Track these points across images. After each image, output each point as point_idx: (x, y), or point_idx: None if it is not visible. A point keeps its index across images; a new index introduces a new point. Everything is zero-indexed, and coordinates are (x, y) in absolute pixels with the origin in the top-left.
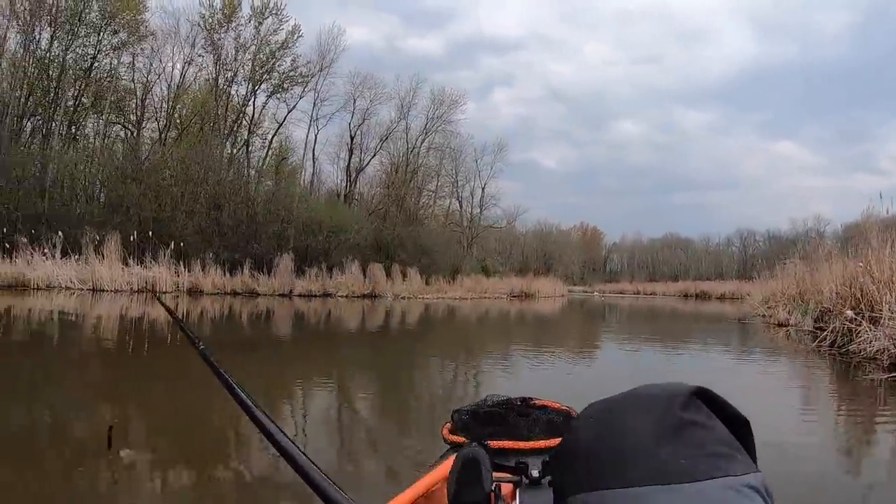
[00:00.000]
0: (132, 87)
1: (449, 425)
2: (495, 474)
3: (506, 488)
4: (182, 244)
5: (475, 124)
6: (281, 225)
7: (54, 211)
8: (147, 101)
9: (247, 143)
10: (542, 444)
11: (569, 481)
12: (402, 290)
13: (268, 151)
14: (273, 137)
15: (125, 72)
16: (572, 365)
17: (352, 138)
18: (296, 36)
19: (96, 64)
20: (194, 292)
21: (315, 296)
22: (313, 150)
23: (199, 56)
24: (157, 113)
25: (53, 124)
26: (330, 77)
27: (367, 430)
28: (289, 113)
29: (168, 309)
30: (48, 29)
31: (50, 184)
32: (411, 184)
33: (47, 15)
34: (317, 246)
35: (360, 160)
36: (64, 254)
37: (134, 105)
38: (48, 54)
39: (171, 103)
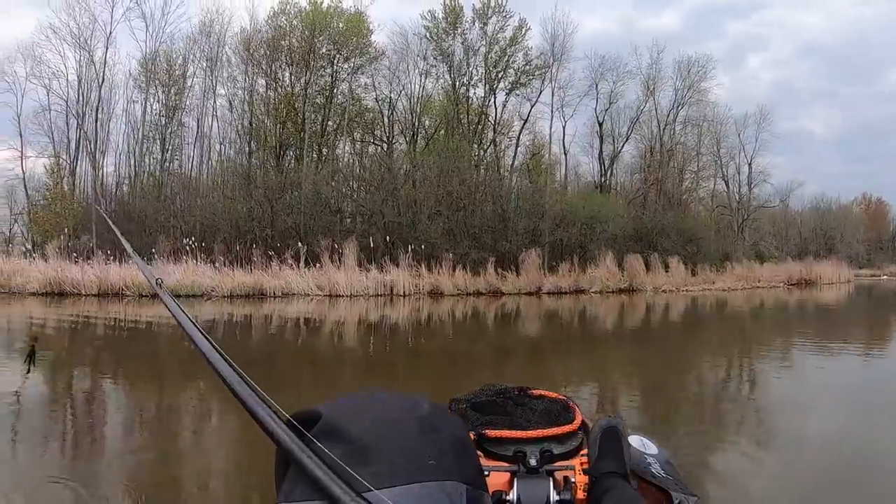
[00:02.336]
0: (376, 105)
1: None
2: (492, 462)
3: (503, 477)
4: (423, 246)
5: (732, 96)
6: (532, 220)
7: (305, 225)
8: (393, 116)
9: (494, 143)
10: (539, 433)
11: None
12: (664, 282)
13: (516, 149)
14: (520, 134)
15: (364, 92)
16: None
17: (600, 125)
18: (523, 30)
19: (336, 90)
20: (435, 294)
21: (565, 292)
22: (562, 142)
23: (432, 66)
24: (403, 126)
25: (304, 149)
26: (566, 63)
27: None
28: (532, 108)
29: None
30: (286, 68)
31: (301, 201)
32: (670, 165)
33: (284, 56)
34: (571, 239)
35: (614, 147)
36: (306, 264)
37: (380, 122)
38: (292, 90)
39: (415, 115)
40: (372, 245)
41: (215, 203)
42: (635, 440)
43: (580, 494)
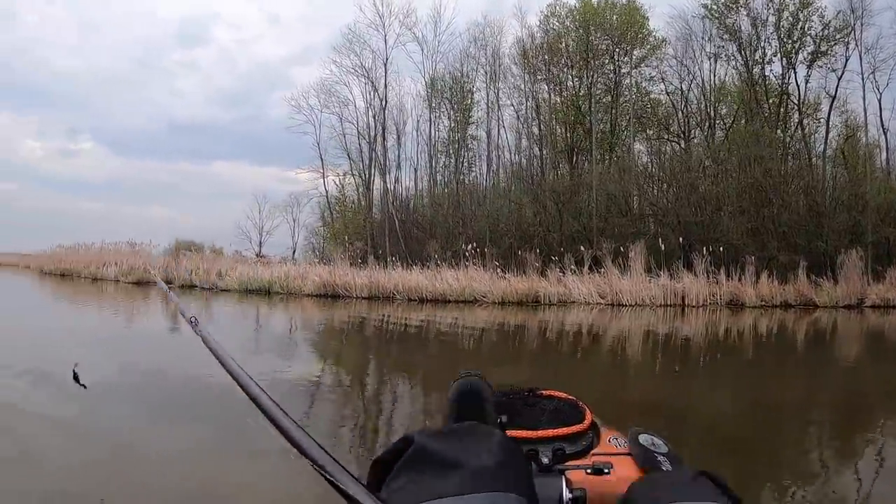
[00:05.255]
0: (668, 99)
1: None
2: None
3: None
4: (722, 249)
5: None
6: (851, 215)
7: (595, 227)
8: (688, 109)
9: (800, 126)
10: (549, 432)
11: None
12: None
13: (827, 132)
14: (830, 113)
15: (652, 85)
16: None
17: None
18: None
19: (621, 86)
20: (734, 305)
21: (894, 306)
22: (879, 117)
23: (720, 48)
24: (699, 119)
25: (593, 150)
26: (870, 19)
27: None
28: (839, 80)
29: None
30: (566, 71)
31: (590, 204)
32: None
33: (563, 59)
34: None
35: None
36: (590, 269)
37: (675, 117)
38: (576, 91)
39: (709, 104)
40: (664, 248)
41: (501, 208)
42: (645, 439)
43: (591, 494)
